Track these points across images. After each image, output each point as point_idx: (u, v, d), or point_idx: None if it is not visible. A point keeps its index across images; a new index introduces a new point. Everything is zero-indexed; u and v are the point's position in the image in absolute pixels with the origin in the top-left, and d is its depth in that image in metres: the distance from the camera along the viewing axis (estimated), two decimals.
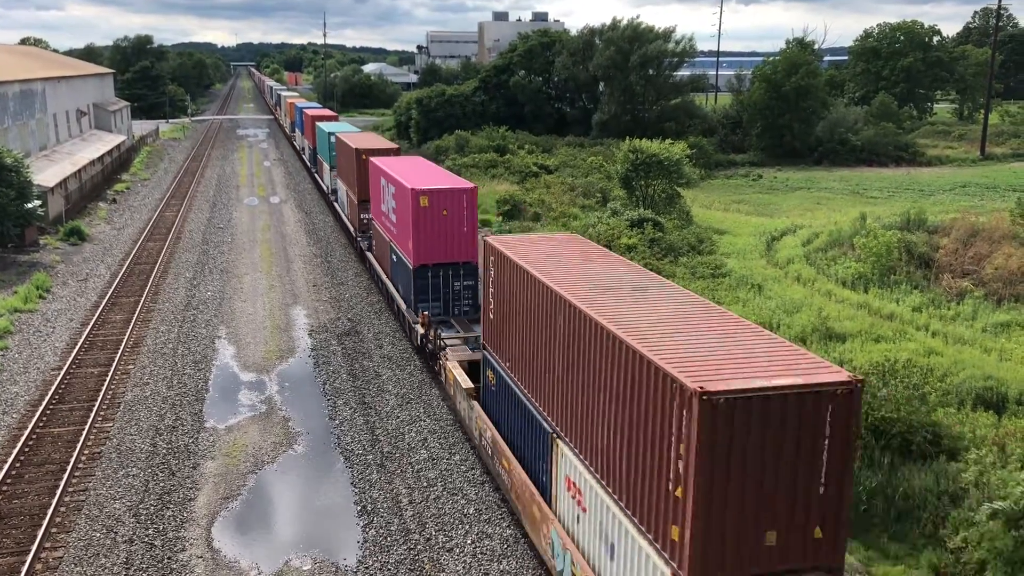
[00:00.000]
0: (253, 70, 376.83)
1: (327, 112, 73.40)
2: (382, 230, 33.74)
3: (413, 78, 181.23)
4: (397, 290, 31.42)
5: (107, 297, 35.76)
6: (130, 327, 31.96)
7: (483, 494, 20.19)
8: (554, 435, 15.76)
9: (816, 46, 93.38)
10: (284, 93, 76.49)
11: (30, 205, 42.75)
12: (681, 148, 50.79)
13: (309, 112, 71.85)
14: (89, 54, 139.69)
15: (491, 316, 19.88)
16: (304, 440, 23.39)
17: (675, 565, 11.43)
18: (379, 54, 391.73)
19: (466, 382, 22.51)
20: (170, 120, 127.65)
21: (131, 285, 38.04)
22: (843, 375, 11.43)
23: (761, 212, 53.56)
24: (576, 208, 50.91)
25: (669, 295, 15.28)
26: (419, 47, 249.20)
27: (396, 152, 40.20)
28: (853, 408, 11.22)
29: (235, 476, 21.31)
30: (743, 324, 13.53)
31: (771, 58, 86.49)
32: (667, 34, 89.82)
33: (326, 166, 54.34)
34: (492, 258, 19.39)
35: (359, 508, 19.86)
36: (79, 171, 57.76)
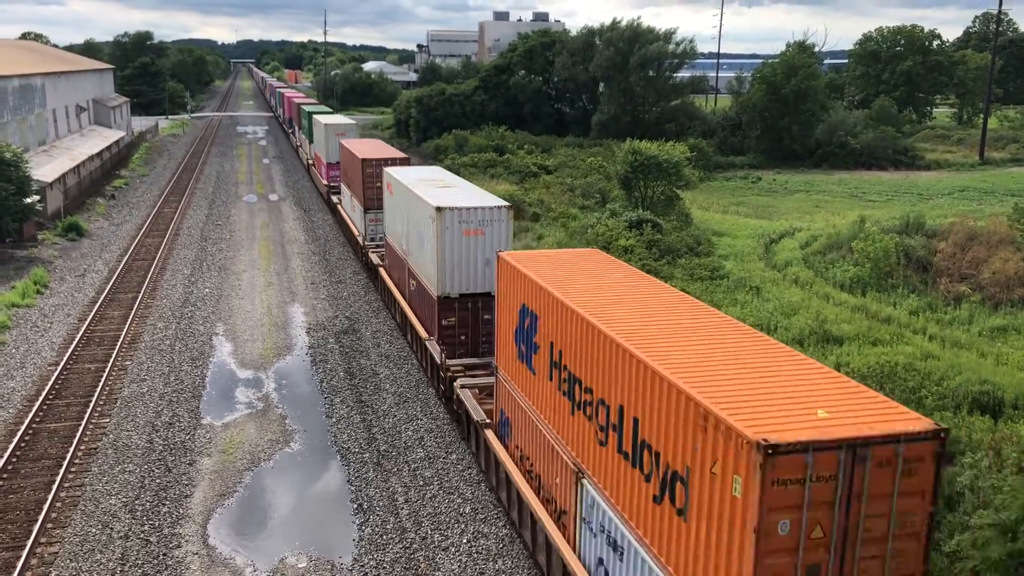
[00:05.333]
0: (253, 67, 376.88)
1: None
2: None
3: (413, 77, 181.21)
4: None
5: (105, 293, 35.72)
6: (128, 323, 31.95)
7: (479, 493, 20.19)
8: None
9: (816, 49, 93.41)
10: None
11: (29, 200, 42.71)
12: (681, 150, 50.83)
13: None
14: (89, 49, 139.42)
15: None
16: (301, 438, 23.39)
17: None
18: (379, 52, 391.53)
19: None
20: (169, 116, 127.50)
21: (129, 281, 37.98)
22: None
23: (760, 214, 53.61)
24: (575, 208, 50.94)
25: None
26: (419, 46, 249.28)
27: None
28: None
29: (231, 473, 21.31)
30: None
31: (771, 60, 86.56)
32: (667, 35, 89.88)
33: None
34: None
35: (355, 506, 19.87)
36: (78, 167, 57.68)
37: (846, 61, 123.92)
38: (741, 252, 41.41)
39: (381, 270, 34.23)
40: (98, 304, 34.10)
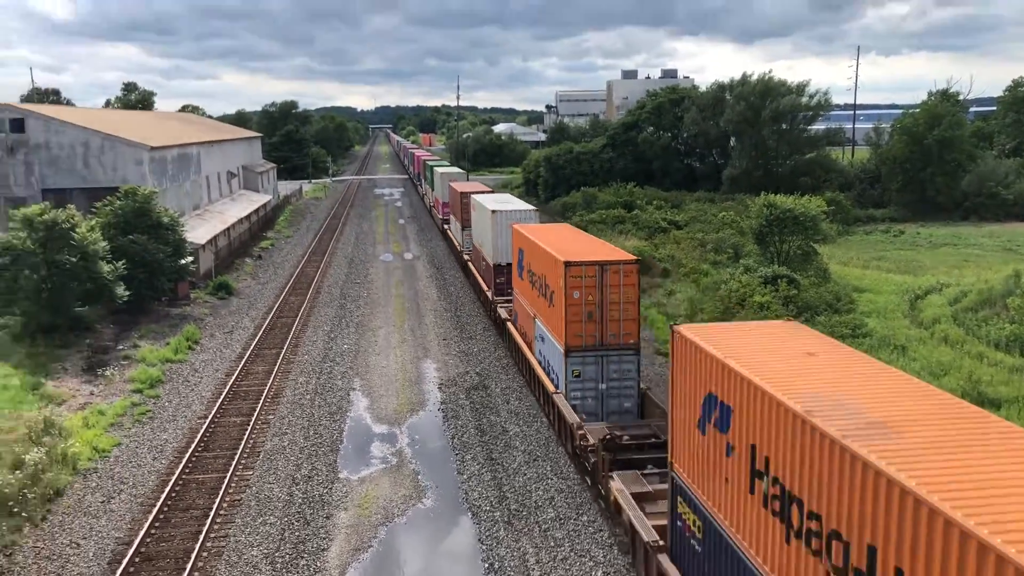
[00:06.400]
0: (390, 132, 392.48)
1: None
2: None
3: (542, 136, 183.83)
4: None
5: (250, 349, 37.37)
6: (271, 378, 33.26)
7: (611, 557, 19.76)
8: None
9: (961, 97, 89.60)
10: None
11: (183, 261, 45.02)
12: (818, 203, 49.44)
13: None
14: (239, 119, 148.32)
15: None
16: (433, 494, 23.60)
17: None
18: (509, 114, 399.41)
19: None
20: (312, 180, 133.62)
21: (273, 338, 39.65)
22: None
23: (903, 269, 51.30)
24: (707, 264, 50.15)
25: None
26: (548, 107, 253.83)
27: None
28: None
29: (366, 528, 21.67)
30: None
31: (912, 111, 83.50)
32: (800, 88, 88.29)
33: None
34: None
35: (486, 565, 19.80)
36: (228, 229, 60.91)
37: (994, 108, 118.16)
38: (884, 309, 39.67)
39: (469, 263, 50.22)
40: (244, 360, 35.68)
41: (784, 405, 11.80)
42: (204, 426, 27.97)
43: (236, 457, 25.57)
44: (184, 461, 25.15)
